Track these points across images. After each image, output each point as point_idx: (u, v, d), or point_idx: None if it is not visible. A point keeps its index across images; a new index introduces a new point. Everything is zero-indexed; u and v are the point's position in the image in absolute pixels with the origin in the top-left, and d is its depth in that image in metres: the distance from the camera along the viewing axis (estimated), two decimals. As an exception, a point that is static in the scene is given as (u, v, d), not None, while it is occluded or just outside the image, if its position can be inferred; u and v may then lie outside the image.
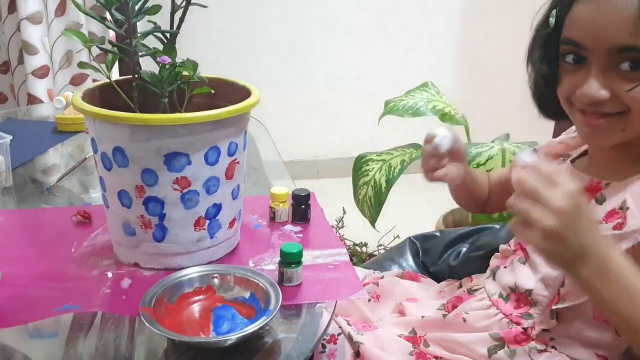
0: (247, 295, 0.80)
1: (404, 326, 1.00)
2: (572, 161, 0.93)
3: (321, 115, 2.93)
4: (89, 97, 0.89)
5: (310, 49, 2.84)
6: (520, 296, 0.89)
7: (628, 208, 0.77)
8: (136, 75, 0.87)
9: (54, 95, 2.07)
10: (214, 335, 0.76)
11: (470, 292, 0.99)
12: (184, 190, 0.83)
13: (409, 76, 0.89)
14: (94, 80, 2.15)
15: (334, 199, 1.13)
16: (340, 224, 1.93)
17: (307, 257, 0.91)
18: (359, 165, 1.71)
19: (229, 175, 0.87)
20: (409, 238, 1.34)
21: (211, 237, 0.89)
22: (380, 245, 1.98)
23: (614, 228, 0.78)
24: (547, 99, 0.88)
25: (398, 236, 1.92)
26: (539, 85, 0.88)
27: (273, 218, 1.05)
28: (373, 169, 1.67)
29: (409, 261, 1.34)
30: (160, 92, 0.86)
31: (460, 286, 1.07)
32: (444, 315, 0.96)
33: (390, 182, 1.61)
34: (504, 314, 0.90)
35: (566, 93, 0.82)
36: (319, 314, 0.82)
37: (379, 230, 1.79)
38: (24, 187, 1.19)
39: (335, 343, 0.93)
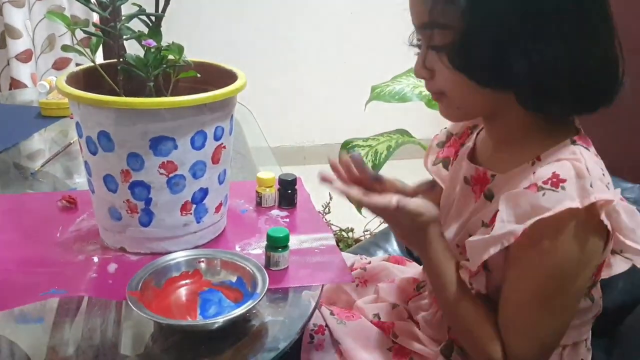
0: (234, 279, 0.81)
1: (376, 309, 1.00)
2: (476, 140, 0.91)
3: (308, 101, 2.92)
4: (73, 80, 0.88)
5: (297, 33, 2.83)
6: None
7: (498, 211, 0.74)
8: (121, 59, 0.87)
9: (38, 79, 2.04)
10: (201, 318, 0.77)
11: (419, 288, 1.00)
12: (170, 175, 0.83)
13: (395, 61, 0.89)
14: (77, 65, 2.12)
15: (319, 184, 1.14)
16: (327, 209, 1.93)
17: (294, 241, 0.92)
18: (346, 150, 1.71)
19: (215, 159, 0.87)
20: (395, 224, 1.35)
21: (198, 222, 0.89)
22: (367, 231, 1.99)
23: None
24: None
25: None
26: None
27: (260, 203, 1.05)
28: (359, 154, 1.67)
29: (393, 246, 1.35)
30: (146, 76, 0.85)
31: None
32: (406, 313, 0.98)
33: (376, 168, 1.61)
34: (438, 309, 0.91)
35: None
36: (305, 297, 0.83)
37: (365, 215, 1.79)
38: (7, 172, 1.18)
39: (323, 334, 0.94)
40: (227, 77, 0.91)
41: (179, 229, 0.88)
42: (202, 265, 0.82)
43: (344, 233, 2.01)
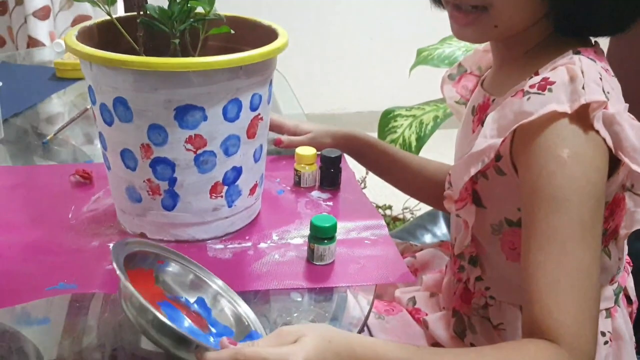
0: (191, 298, 0.64)
1: (413, 294, 0.92)
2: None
3: (342, 65, 2.76)
4: (86, 36, 0.76)
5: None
6: (454, 250, 0.82)
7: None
8: (142, 11, 0.73)
9: (56, 38, 1.93)
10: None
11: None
12: (199, 151, 0.71)
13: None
14: (99, 23, 2.01)
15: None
16: (363, 184, 1.80)
17: (340, 229, 0.79)
18: (386, 121, 1.58)
19: (251, 133, 0.74)
20: (443, 203, 1.24)
21: (229, 206, 0.77)
22: (406, 209, 1.86)
23: None
24: None
25: (425, 199, 1.80)
26: None
27: (298, 183, 0.92)
28: (402, 125, 1.53)
29: (442, 229, 1.24)
30: (170, 31, 0.73)
31: None
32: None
33: (421, 141, 1.48)
34: (452, 273, 0.83)
35: None
36: (354, 299, 0.70)
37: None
38: (18, 140, 1.07)
39: (362, 331, 0.82)
40: (265, 35, 0.78)
41: (208, 213, 0.76)
42: (161, 267, 0.65)
43: (381, 210, 1.88)
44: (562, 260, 0.58)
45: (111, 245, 0.65)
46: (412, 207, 1.85)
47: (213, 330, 0.62)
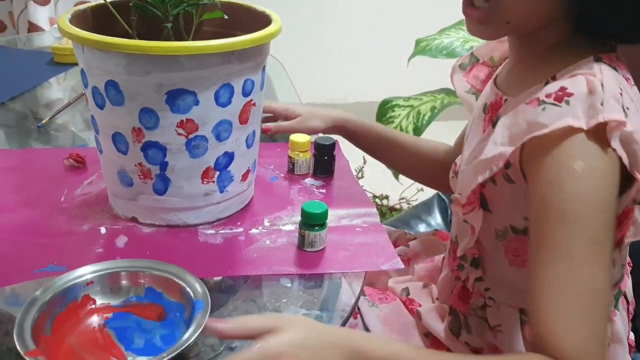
0: (140, 292, 0.64)
1: (407, 285, 0.90)
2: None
3: (339, 55, 2.74)
4: (79, 20, 0.75)
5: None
6: (454, 246, 0.81)
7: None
8: (135, -5, 0.73)
9: (55, 24, 1.93)
10: (131, 354, 0.58)
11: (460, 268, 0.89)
12: (190, 136, 0.71)
13: (443, 12, 0.75)
14: (99, 9, 1.99)
15: (353, 146, 1.02)
16: (360, 174, 1.80)
17: (331, 217, 0.79)
18: (384, 110, 1.57)
19: (243, 119, 0.74)
20: (438, 194, 1.25)
21: (221, 191, 0.77)
22: (403, 199, 1.85)
23: None
24: None
25: (422, 189, 1.79)
26: None
27: (292, 170, 0.92)
28: (400, 115, 1.52)
29: (437, 219, 1.23)
30: (163, 15, 0.72)
31: None
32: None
33: (418, 131, 1.47)
34: (450, 270, 0.82)
35: None
36: (345, 285, 0.70)
37: (402, 182, 1.66)
38: (14, 123, 1.07)
39: (355, 317, 0.82)
40: (260, 21, 0.77)
41: (199, 198, 0.76)
42: (93, 287, 0.63)
43: (377, 200, 1.88)
44: (573, 279, 0.56)
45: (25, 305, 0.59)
46: (409, 197, 1.85)
47: (167, 314, 0.62)
